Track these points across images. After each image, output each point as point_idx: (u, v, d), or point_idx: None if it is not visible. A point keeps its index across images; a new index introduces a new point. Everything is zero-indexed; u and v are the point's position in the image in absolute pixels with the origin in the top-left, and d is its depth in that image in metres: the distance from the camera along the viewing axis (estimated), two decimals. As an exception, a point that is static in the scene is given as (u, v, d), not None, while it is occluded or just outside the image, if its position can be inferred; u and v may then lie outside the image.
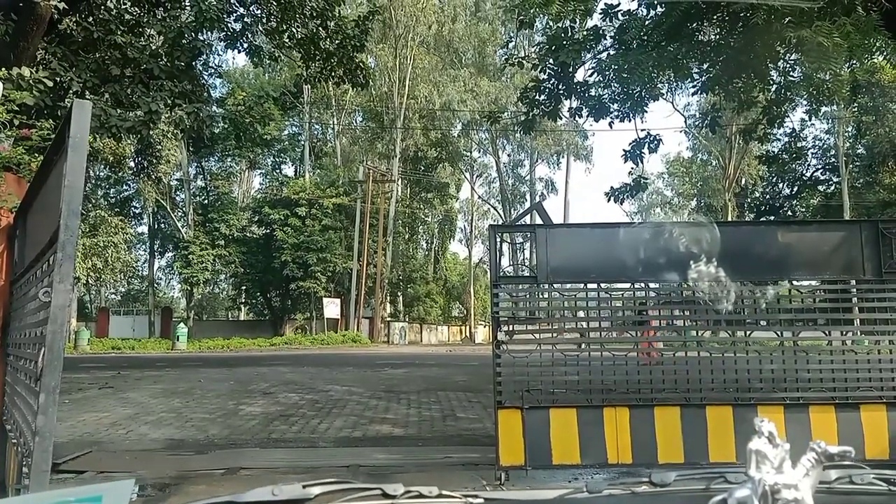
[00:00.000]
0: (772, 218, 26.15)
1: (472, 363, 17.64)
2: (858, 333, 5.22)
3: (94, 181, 34.05)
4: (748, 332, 5.20)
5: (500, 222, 46.12)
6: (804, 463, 0.80)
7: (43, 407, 1.95)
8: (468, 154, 50.46)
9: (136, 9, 13.27)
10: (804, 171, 32.04)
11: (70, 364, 13.32)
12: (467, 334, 50.68)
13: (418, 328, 45.98)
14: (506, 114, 34.58)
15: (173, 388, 11.03)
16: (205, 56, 16.99)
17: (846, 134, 32.90)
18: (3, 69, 5.12)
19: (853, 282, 5.06)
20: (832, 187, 32.93)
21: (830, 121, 32.08)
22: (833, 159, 33.47)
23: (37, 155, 4.15)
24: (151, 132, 13.82)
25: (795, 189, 30.70)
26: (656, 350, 5.43)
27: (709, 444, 4.71)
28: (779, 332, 5.15)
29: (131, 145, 21.43)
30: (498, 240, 5.72)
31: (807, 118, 15.18)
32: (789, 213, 28.39)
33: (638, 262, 4.97)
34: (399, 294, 46.85)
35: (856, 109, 23.42)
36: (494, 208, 53.54)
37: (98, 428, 7.47)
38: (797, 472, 0.79)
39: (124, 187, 40.18)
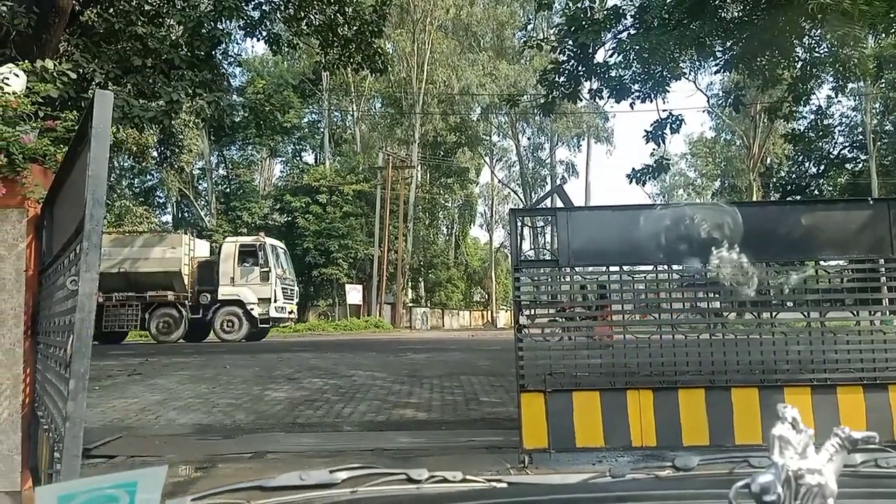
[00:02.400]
0: (798, 198, 25.75)
1: (493, 348, 17.66)
2: (887, 313, 5.14)
3: (118, 171, 34.50)
4: (774, 314, 5.14)
5: (520, 206, 45.93)
6: (828, 448, 0.80)
7: (73, 393, 1.99)
8: (488, 138, 50.28)
9: (156, -1, 13.37)
10: (831, 150, 31.45)
11: (98, 351, 13.58)
12: (489, 319, 50.74)
13: (440, 313, 46.12)
14: (525, 97, 34.35)
15: (200, 374, 11.18)
16: (224, 45, 17.06)
17: (874, 110, 32.24)
18: (27, 61, 5.18)
19: (882, 261, 4.98)
20: (860, 165, 32.32)
21: (857, 97, 31.44)
22: (860, 137, 32.83)
23: (62, 146, 4.20)
24: (173, 122, 13.94)
25: (822, 168, 30.14)
26: (611, 333, 5.37)
27: (734, 426, 4.67)
28: (805, 313, 5.08)
29: (154, 135, 21.63)
30: (519, 224, 5.70)
31: (833, 95, 14.90)
32: (816, 192, 27.89)
33: (661, 245, 4.92)
34: (420, 279, 46.99)
35: (883, 85, 22.93)
36: (515, 192, 53.36)
37: (127, 413, 7.60)
38: (821, 457, 0.78)
39: (148, 177, 40.73)
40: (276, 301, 22.94)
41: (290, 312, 24.80)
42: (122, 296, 22.11)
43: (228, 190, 41.68)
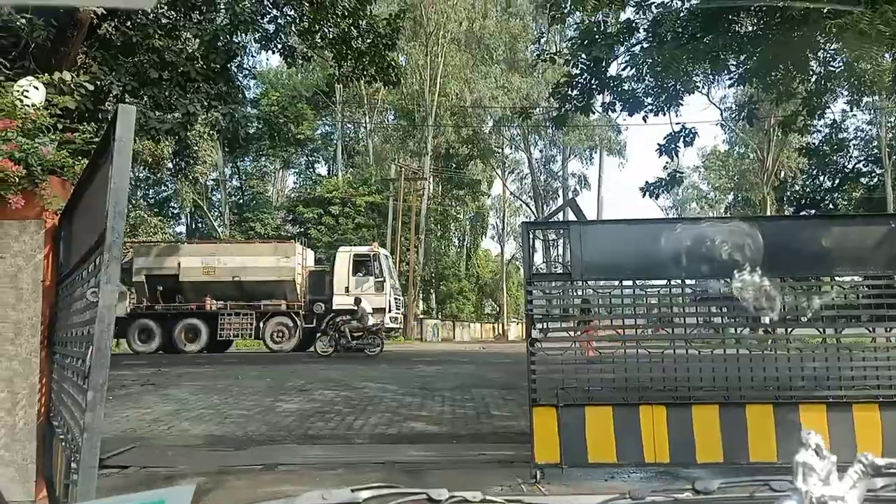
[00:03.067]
0: (812, 212, 25.58)
1: (505, 361, 17.60)
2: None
3: (133, 182, 34.81)
4: (789, 329, 5.10)
5: (532, 219, 45.88)
6: (851, 475, 0.79)
7: (91, 404, 2.01)
8: (500, 150, 50.36)
9: (173, 13, 13.53)
10: (846, 163, 31.24)
11: (113, 361, 13.63)
12: (500, 331, 50.59)
13: (451, 325, 46.04)
14: (538, 109, 34.42)
15: (212, 384, 11.21)
16: (239, 58, 17.25)
17: (889, 124, 32.02)
18: (46, 74, 5.25)
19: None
20: (875, 179, 32.07)
21: (873, 111, 31.26)
22: (876, 151, 32.60)
23: (80, 158, 4.25)
24: (188, 133, 14.08)
25: (837, 182, 29.94)
26: (594, 349, 5.33)
27: (749, 443, 4.63)
28: (821, 329, 5.04)
29: (169, 147, 21.85)
30: (531, 237, 5.70)
31: (848, 109, 14.82)
32: (831, 206, 27.70)
33: (674, 259, 4.90)
34: (432, 291, 46.98)
35: (899, 99, 22.77)
36: (527, 205, 53.34)
37: (141, 424, 7.63)
38: (844, 483, 0.78)
39: (163, 188, 41.07)
40: (390, 311, 22.79)
41: (399, 322, 24.77)
42: (237, 304, 22.16)
43: (242, 201, 42.00)
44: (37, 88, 4.58)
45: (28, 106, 4.32)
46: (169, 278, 22.37)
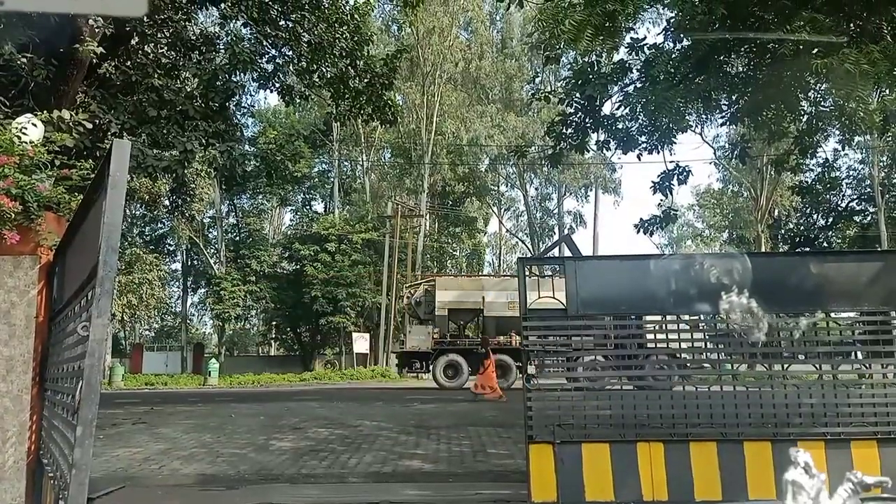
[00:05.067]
0: (807, 249, 25.69)
1: (501, 399, 17.44)
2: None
3: (129, 219, 34.89)
4: (785, 366, 5.09)
5: (528, 255, 45.92)
6: (841, 493, 0.79)
7: (80, 440, 1.98)
8: (496, 188, 50.66)
9: (173, 52, 13.72)
10: (839, 202, 31.49)
11: (105, 400, 13.48)
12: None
13: (448, 363, 45.62)
14: (533, 148, 34.76)
15: (205, 423, 11.08)
16: (238, 96, 17.43)
17: (881, 163, 32.38)
18: (45, 112, 5.30)
19: (893, 313, 4.94)
20: (868, 218, 32.30)
21: (865, 150, 31.63)
22: (868, 189, 32.90)
23: (76, 194, 4.26)
24: (186, 171, 14.15)
25: (830, 220, 30.14)
26: (488, 387, 5.33)
27: (747, 480, 4.58)
28: (817, 366, 5.02)
29: (166, 184, 21.93)
30: (527, 273, 5.70)
31: (840, 148, 14.99)
32: (825, 244, 27.84)
33: (670, 294, 4.91)
34: (428, 328, 46.72)
35: (890, 139, 23.08)
36: (522, 242, 53.44)
37: (131, 463, 7.52)
38: (834, 502, 0.78)
39: (159, 225, 41.12)
40: None
41: None
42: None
43: (238, 238, 42.00)
44: (35, 126, 4.61)
45: (26, 143, 4.35)
46: (471, 312, 22.16)
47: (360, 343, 36.78)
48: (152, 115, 11.81)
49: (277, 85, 14.85)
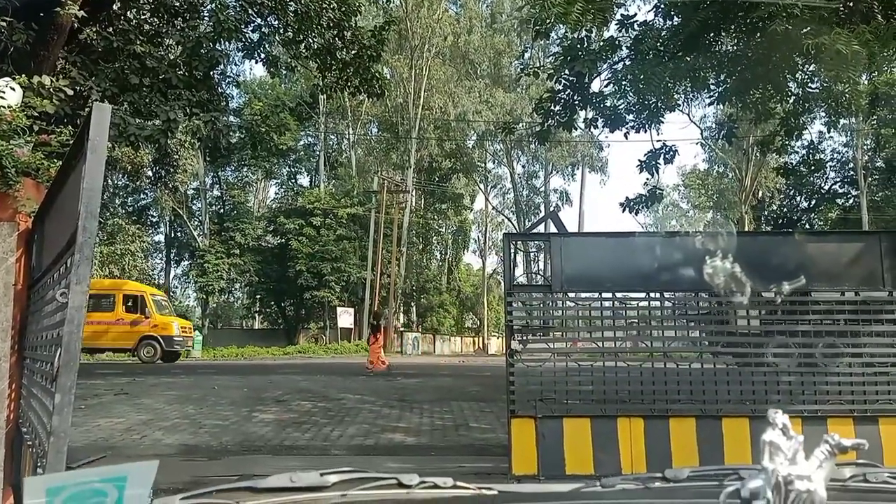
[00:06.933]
0: (790, 230, 25.93)
1: (484, 373, 17.56)
2: (877, 345, 5.14)
3: (111, 190, 34.45)
4: (765, 344, 5.14)
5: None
6: (818, 455, 0.80)
7: (58, 407, 1.95)
8: (483, 165, 50.51)
9: (156, 19, 13.44)
10: (822, 184, 31.75)
11: (85, 370, 13.42)
12: (480, 345, 50.50)
13: (431, 339, 45.86)
14: (521, 125, 34.63)
15: (187, 394, 11.06)
16: (222, 66, 17.17)
17: (865, 147, 32.63)
18: (24, 77, 5.18)
19: (871, 293, 4.99)
20: (850, 200, 32.62)
21: (849, 133, 31.83)
22: (852, 172, 33.18)
23: (56, 160, 4.18)
24: (169, 141, 13.94)
25: (813, 202, 30.44)
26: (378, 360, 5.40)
27: (724, 455, 4.65)
28: (796, 344, 5.08)
29: (149, 154, 21.64)
30: (512, 249, 5.70)
31: (825, 131, 15.07)
32: (807, 225, 28.14)
33: (653, 272, 4.93)
34: (412, 304, 46.84)
35: (875, 122, 23.23)
36: (509, 219, 53.49)
37: (112, 433, 7.50)
38: (811, 463, 0.78)
39: (142, 196, 40.68)
40: None
41: None
42: None
43: (222, 210, 41.66)
44: (13, 90, 4.50)
45: (4, 107, 4.25)
46: None
47: (345, 318, 36.81)
48: (134, 83, 11.59)
49: (263, 55, 14.63)
